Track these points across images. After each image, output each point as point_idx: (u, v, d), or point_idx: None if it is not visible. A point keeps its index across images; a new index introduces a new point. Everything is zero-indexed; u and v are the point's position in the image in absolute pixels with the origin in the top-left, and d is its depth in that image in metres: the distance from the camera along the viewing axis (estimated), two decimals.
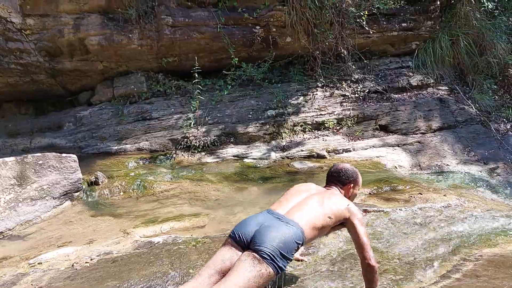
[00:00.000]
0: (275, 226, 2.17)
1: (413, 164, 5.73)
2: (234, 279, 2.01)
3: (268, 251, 2.05)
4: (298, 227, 2.20)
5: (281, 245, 2.08)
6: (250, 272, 2.02)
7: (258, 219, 2.25)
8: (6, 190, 3.99)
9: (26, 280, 2.85)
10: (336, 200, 2.43)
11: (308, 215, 2.29)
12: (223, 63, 6.68)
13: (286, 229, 2.16)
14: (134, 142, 6.19)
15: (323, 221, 2.31)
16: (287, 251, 2.10)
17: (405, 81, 7.07)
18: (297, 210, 2.32)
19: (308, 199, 2.42)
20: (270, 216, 2.28)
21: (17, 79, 6.52)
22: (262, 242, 2.08)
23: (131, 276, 2.68)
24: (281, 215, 2.28)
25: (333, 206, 2.37)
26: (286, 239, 2.12)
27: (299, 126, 6.35)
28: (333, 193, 2.53)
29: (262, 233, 2.13)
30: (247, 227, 2.21)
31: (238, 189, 4.96)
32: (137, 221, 4.06)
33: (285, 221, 2.22)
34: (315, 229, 2.28)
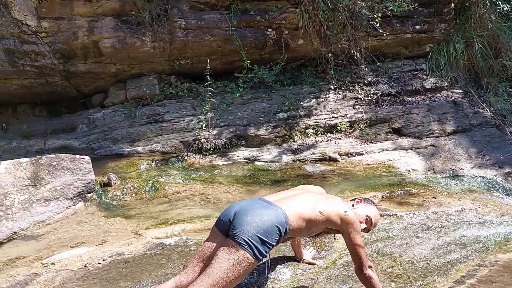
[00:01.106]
0: (253, 209, 2.09)
1: (427, 167, 5.66)
2: (213, 270, 1.97)
3: (244, 236, 1.97)
4: (282, 212, 2.12)
5: (258, 229, 2.00)
6: (227, 261, 1.96)
7: (241, 204, 2.20)
8: (21, 191, 4.04)
9: (39, 280, 2.87)
10: (334, 204, 2.32)
11: (296, 204, 2.22)
12: (235, 65, 6.69)
13: (266, 212, 2.08)
14: (146, 144, 6.23)
15: (312, 214, 2.21)
16: (266, 235, 2.01)
17: (418, 83, 7.00)
18: (287, 199, 2.28)
19: (303, 193, 2.38)
20: (254, 202, 2.23)
21: (32, 81, 6.61)
22: (238, 227, 2.01)
23: (143, 277, 2.68)
24: (267, 200, 2.24)
25: (329, 205, 2.29)
26: (264, 222, 2.02)
27: (311, 129, 6.32)
28: (335, 198, 2.44)
29: (239, 218, 2.06)
30: (229, 212, 2.16)
31: (249, 192, 4.95)
32: (149, 222, 4.08)
33: (268, 205, 2.15)
34: (302, 219, 2.18)
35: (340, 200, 2.42)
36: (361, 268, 2.28)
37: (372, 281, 2.28)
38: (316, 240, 3.21)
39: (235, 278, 1.98)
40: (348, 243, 2.29)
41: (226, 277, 1.95)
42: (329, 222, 2.27)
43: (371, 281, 2.28)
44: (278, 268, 2.84)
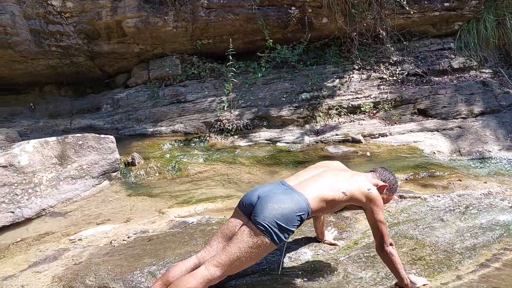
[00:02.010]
0: (276, 196, 2.15)
1: (453, 149, 5.53)
2: (231, 248, 2.07)
3: (264, 223, 2.05)
4: (303, 198, 2.16)
5: (278, 216, 2.06)
6: (246, 242, 2.06)
7: (264, 189, 2.25)
8: (48, 169, 4.15)
9: (67, 255, 2.97)
10: (358, 181, 2.34)
11: (318, 186, 2.24)
12: (257, 45, 6.62)
13: (287, 199, 2.13)
14: (169, 124, 6.28)
15: (335, 194, 2.24)
16: (286, 223, 2.08)
17: (446, 63, 6.79)
18: (308, 181, 2.30)
19: (325, 172, 2.39)
20: (276, 186, 2.27)
21: (57, 61, 6.72)
22: (259, 213, 2.08)
23: (167, 255, 2.74)
24: (289, 185, 2.27)
25: (352, 184, 2.30)
26: (284, 209, 2.08)
27: (334, 109, 6.24)
28: (358, 174, 2.44)
29: (261, 204, 2.12)
30: (251, 196, 2.23)
31: (271, 173, 4.96)
32: (172, 201, 4.14)
33: (290, 191, 2.20)
34: (324, 201, 2.22)
35: (363, 177, 2.42)
36: (382, 245, 2.28)
37: (393, 258, 2.27)
38: (337, 222, 3.21)
39: (251, 259, 2.09)
40: (370, 219, 2.31)
41: (243, 257, 2.06)
42: (352, 200, 2.29)
43: (392, 258, 2.27)
44: (300, 248, 2.85)
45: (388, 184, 2.49)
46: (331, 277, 2.57)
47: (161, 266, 2.61)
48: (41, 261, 2.92)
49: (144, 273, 2.56)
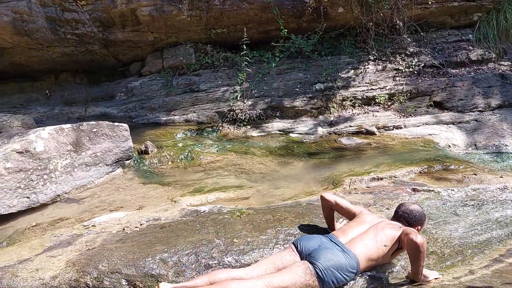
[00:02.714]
0: (333, 250, 2.39)
1: (469, 143, 5.44)
2: (284, 275, 2.27)
3: (321, 267, 2.28)
4: (354, 258, 2.38)
5: (334, 267, 2.30)
6: (299, 276, 2.27)
7: (321, 240, 2.50)
8: (63, 156, 4.20)
9: (81, 240, 3.01)
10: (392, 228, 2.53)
11: (365, 247, 2.44)
12: (271, 34, 6.57)
13: (342, 256, 2.37)
14: (182, 113, 6.30)
15: (379, 251, 2.45)
16: (338, 275, 2.30)
17: (464, 55, 6.65)
18: (356, 241, 2.48)
19: (369, 230, 2.55)
20: (331, 242, 2.49)
21: (73, 49, 6.77)
22: (318, 259, 2.32)
23: (178, 242, 2.76)
24: (342, 243, 2.48)
25: (388, 233, 2.49)
26: (340, 264, 2.32)
27: (349, 100, 6.18)
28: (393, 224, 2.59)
29: (320, 252, 2.37)
30: (309, 242, 2.48)
31: (283, 164, 4.95)
32: (184, 190, 4.17)
33: (343, 250, 2.42)
34: (371, 260, 2.44)
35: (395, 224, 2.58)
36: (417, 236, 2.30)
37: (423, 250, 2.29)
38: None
39: None
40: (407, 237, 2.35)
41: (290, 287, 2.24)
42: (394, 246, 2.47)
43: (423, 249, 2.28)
44: None
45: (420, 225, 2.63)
46: None
47: (173, 253, 2.64)
48: (55, 246, 2.97)
49: (156, 260, 2.59)
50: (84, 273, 2.53)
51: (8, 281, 2.54)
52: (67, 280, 2.51)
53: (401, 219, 2.64)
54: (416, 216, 2.62)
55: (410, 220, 2.61)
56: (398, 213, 2.68)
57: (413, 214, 2.62)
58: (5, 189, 3.76)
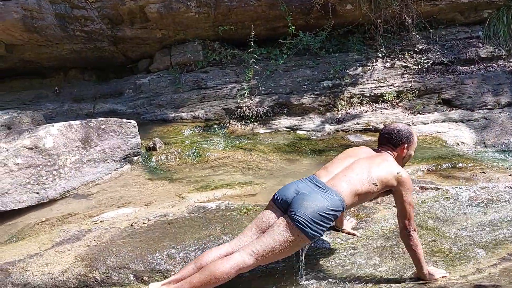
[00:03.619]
0: (311, 195, 2.23)
1: (477, 141, 5.40)
2: (266, 239, 2.16)
3: (301, 219, 2.14)
4: (338, 196, 2.23)
5: (315, 214, 2.15)
6: (282, 235, 2.15)
7: (298, 186, 2.33)
8: (72, 152, 4.24)
9: (89, 236, 3.04)
10: (386, 167, 2.36)
11: (350, 182, 2.29)
12: (279, 31, 6.56)
13: (322, 198, 2.21)
14: (190, 110, 6.32)
15: (367, 187, 2.30)
16: (321, 219, 2.17)
17: (473, 52, 6.59)
18: (340, 177, 2.33)
19: (354, 164, 2.40)
20: (310, 184, 2.33)
21: (81, 46, 6.81)
22: (296, 210, 2.17)
23: (186, 238, 2.78)
24: (322, 182, 2.32)
25: (381, 172, 2.32)
26: (320, 208, 2.17)
27: (356, 98, 6.16)
28: (384, 158, 2.43)
29: (298, 201, 2.21)
30: (286, 192, 2.31)
31: (290, 161, 4.95)
32: (191, 186, 4.19)
33: (324, 190, 2.26)
34: (357, 195, 2.29)
35: (391, 160, 2.43)
36: (407, 228, 2.27)
37: (416, 244, 2.27)
38: (356, 211, 3.19)
39: (284, 251, 2.18)
40: (398, 201, 2.32)
41: (277, 249, 2.15)
42: (384, 187, 2.33)
43: (415, 243, 2.27)
44: None
45: (406, 143, 2.49)
46: (349, 267, 2.57)
47: (180, 249, 2.66)
48: (64, 241, 3.01)
49: (163, 256, 2.61)
50: (92, 268, 2.56)
51: (18, 275, 2.58)
52: (76, 274, 2.54)
53: (386, 142, 2.52)
54: (401, 133, 2.48)
55: (394, 140, 2.48)
56: (380, 136, 2.56)
57: (396, 131, 2.48)
58: (15, 184, 3.81)
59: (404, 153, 2.52)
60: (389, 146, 2.51)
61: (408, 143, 2.50)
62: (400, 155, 2.51)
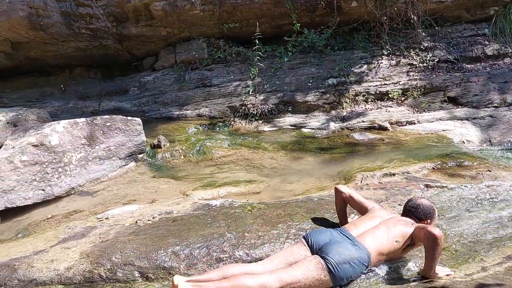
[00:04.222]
0: (344, 243, 2.40)
1: (483, 139, 5.37)
2: (295, 270, 2.28)
3: (333, 262, 2.28)
4: (365, 251, 2.38)
5: (345, 261, 2.30)
6: (311, 271, 2.27)
7: (332, 233, 2.50)
8: (77, 149, 4.26)
9: (94, 232, 3.06)
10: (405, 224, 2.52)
11: (376, 240, 2.44)
12: (284, 29, 6.55)
13: (353, 249, 2.37)
14: (195, 108, 6.33)
15: (391, 246, 2.44)
16: (349, 268, 2.31)
17: (479, 50, 6.54)
18: (367, 235, 2.48)
19: (381, 224, 2.55)
20: (342, 235, 2.50)
21: (87, 44, 6.83)
22: (329, 253, 2.33)
23: (190, 235, 2.78)
24: (353, 236, 2.48)
25: (400, 229, 2.48)
26: (351, 258, 2.32)
27: (361, 96, 6.14)
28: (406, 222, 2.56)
29: (331, 246, 2.37)
30: (320, 236, 2.48)
31: (295, 159, 4.94)
32: (196, 184, 4.20)
33: (354, 243, 2.42)
34: (382, 254, 2.44)
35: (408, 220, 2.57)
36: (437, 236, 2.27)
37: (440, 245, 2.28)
38: None
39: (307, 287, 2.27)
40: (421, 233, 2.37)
41: (302, 282, 2.25)
42: (406, 241, 2.45)
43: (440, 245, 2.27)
44: None
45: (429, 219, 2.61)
46: None
47: (185, 246, 2.66)
48: (70, 238, 3.03)
49: (168, 253, 2.62)
50: (98, 265, 2.58)
51: (24, 272, 2.60)
52: (81, 271, 2.56)
53: (410, 214, 2.62)
54: (425, 210, 2.60)
55: (419, 215, 2.59)
56: (406, 208, 2.67)
57: (421, 208, 2.60)
58: (21, 181, 3.84)
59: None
60: (413, 218, 2.61)
61: (430, 219, 2.62)
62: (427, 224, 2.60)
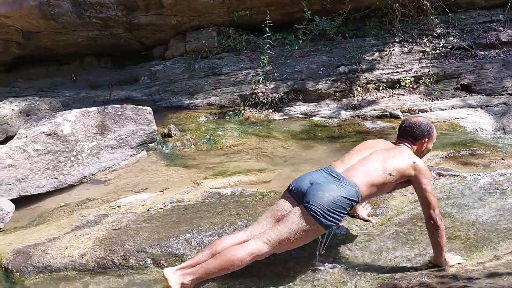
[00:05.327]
0: (326, 184, 2.24)
1: (497, 127, 5.29)
2: (281, 227, 2.19)
3: (316, 209, 2.15)
4: (353, 186, 2.23)
5: (330, 203, 2.16)
6: (297, 224, 2.17)
7: (313, 176, 2.35)
8: (89, 138, 4.29)
9: (107, 220, 3.10)
10: (402, 157, 2.34)
11: (366, 172, 2.29)
12: (294, 16, 6.49)
13: (337, 187, 2.22)
14: (205, 97, 6.33)
15: (383, 178, 2.28)
16: (336, 209, 2.17)
17: (494, 36, 6.42)
18: (355, 168, 2.33)
19: (371, 155, 2.39)
20: (325, 174, 2.35)
21: (97, 33, 6.85)
22: (311, 199, 2.18)
23: (202, 223, 2.81)
24: (337, 173, 2.33)
25: (397, 163, 2.30)
26: (335, 197, 2.18)
27: (373, 83, 6.07)
28: (401, 151, 2.41)
29: (313, 191, 2.22)
30: (301, 183, 2.32)
31: (305, 147, 4.93)
32: (206, 172, 4.21)
33: (339, 180, 2.27)
34: (373, 186, 2.28)
35: (408, 152, 2.41)
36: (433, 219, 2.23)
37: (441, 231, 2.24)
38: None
39: (299, 240, 2.20)
40: (419, 191, 2.30)
41: (292, 237, 2.17)
42: (401, 177, 2.31)
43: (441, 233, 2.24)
44: None
45: (427, 137, 2.48)
46: (364, 253, 2.57)
47: (196, 234, 2.69)
48: (83, 225, 3.07)
49: (179, 240, 2.65)
50: (111, 252, 2.62)
51: (39, 258, 2.65)
52: (95, 258, 2.60)
53: (406, 134, 2.49)
54: (422, 127, 2.46)
55: (415, 133, 2.45)
56: (401, 128, 2.53)
57: (417, 125, 2.46)
58: (35, 170, 3.89)
59: (423, 147, 2.50)
60: (409, 139, 2.48)
61: (428, 137, 2.48)
62: (420, 148, 2.49)
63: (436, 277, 2.19)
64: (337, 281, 2.30)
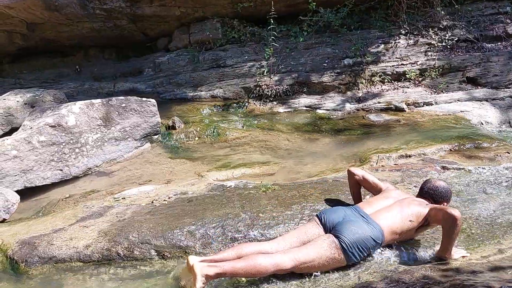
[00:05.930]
0: (357, 222, 2.38)
1: (502, 120, 5.26)
2: (309, 249, 2.28)
3: (346, 241, 2.27)
4: (379, 229, 2.37)
5: (359, 240, 2.30)
6: (325, 250, 2.27)
7: (345, 212, 2.48)
8: (94, 130, 4.30)
9: (111, 212, 3.11)
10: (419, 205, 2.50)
11: (390, 219, 2.43)
12: (299, 8, 6.43)
13: (367, 227, 2.36)
14: (209, 89, 6.32)
15: (404, 225, 2.42)
16: (362, 246, 2.30)
17: (500, 29, 6.34)
18: (382, 213, 2.47)
19: (395, 204, 2.53)
20: (356, 213, 2.48)
21: (101, 25, 6.83)
22: (343, 232, 2.31)
23: (205, 215, 2.81)
24: (367, 214, 2.46)
25: (414, 209, 2.46)
26: (365, 236, 2.31)
27: (378, 76, 6.03)
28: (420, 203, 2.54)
29: (345, 224, 2.36)
30: (333, 215, 2.46)
31: (309, 140, 4.92)
32: (210, 165, 4.22)
33: (368, 221, 2.40)
34: (395, 233, 2.42)
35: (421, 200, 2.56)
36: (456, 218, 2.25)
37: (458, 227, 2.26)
38: None
39: (321, 266, 2.29)
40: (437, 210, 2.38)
41: (316, 262, 2.26)
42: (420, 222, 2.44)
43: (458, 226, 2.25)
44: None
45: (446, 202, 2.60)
46: None
47: (200, 226, 2.70)
48: (88, 217, 3.09)
49: (183, 232, 2.65)
50: (115, 243, 2.63)
51: (44, 249, 2.67)
52: (100, 249, 2.61)
53: (427, 195, 2.59)
54: (442, 192, 2.58)
55: (436, 197, 2.56)
56: (423, 190, 2.64)
57: (439, 190, 2.57)
58: (40, 161, 3.91)
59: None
60: (430, 200, 2.59)
61: (447, 202, 2.62)
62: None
63: (439, 271, 2.19)
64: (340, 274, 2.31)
